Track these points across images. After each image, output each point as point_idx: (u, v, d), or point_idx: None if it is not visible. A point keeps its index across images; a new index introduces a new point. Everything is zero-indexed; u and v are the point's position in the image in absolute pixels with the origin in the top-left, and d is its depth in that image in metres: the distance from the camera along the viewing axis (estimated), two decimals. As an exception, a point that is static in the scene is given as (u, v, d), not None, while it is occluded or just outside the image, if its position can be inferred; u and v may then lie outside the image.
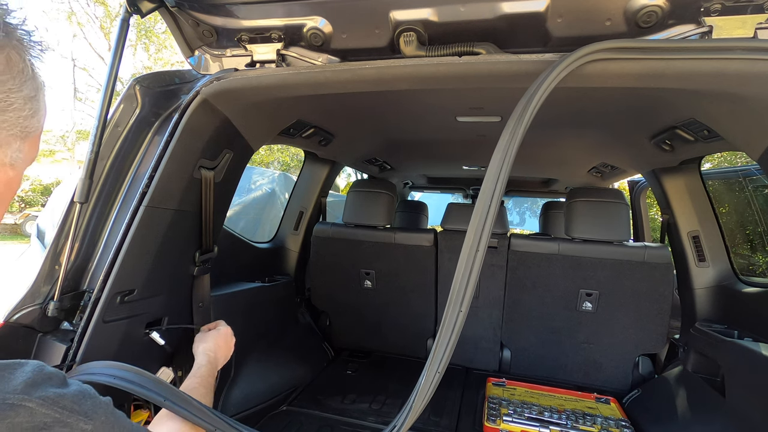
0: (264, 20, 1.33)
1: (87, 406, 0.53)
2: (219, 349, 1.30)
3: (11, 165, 0.56)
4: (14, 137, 0.55)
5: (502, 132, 1.09)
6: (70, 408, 0.51)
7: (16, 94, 0.53)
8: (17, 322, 1.22)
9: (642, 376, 2.41)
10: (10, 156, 0.55)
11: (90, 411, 0.53)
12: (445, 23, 1.22)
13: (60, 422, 0.50)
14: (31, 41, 0.55)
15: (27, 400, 0.48)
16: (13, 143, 0.55)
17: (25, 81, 0.54)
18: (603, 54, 1.12)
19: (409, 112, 2.08)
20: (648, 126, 1.93)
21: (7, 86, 0.52)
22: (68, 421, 0.50)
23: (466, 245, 1.05)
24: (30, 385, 0.49)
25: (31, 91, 0.56)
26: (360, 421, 2.06)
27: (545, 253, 2.43)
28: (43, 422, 0.48)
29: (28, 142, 0.58)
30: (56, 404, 0.50)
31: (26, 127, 0.56)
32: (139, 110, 1.40)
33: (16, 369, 0.50)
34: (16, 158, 0.56)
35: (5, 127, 0.53)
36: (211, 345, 1.30)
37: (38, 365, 0.53)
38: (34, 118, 0.57)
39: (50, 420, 0.49)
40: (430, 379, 1.02)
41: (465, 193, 5.29)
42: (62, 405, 0.51)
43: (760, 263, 4.74)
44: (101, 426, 0.53)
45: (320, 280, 2.89)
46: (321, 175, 2.93)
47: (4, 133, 0.53)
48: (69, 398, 0.52)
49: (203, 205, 1.60)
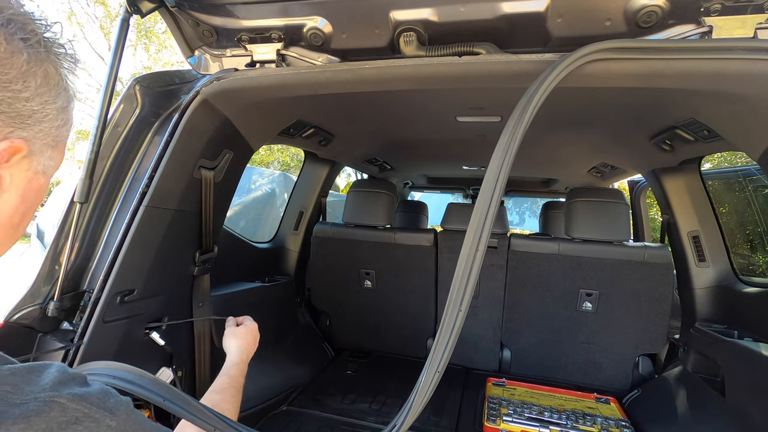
0: (264, 20, 1.33)
1: (111, 404, 0.56)
2: (250, 347, 1.25)
3: (43, 173, 0.59)
4: (47, 146, 0.58)
5: (502, 132, 1.09)
6: (97, 404, 0.54)
7: (51, 105, 0.56)
8: (17, 322, 1.22)
9: (642, 376, 2.40)
10: (43, 164, 0.58)
11: (114, 408, 0.56)
12: (445, 23, 1.22)
13: (89, 417, 0.52)
14: (66, 54, 0.58)
15: (58, 396, 0.50)
16: (45, 152, 0.58)
17: (59, 93, 0.57)
18: (603, 54, 1.12)
19: (409, 112, 2.08)
20: (648, 126, 1.93)
21: (44, 98, 0.55)
22: (96, 417, 0.53)
23: (465, 245, 1.05)
24: (58, 384, 0.52)
25: (64, 102, 0.59)
26: (360, 421, 2.06)
27: (545, 253, 2.43)
28: (75, 417, 0.51)
29: (57, 150, 0.61)
30: (84, 400, 0.53)
31: (57, 136, 0.59)
32: (139, 110, 1.40)
33: (43, 371, 0.53)
34: (48, 166, 0.59)
35: (40, 137, 0.56)
36: (244, 343, 1.23)
37: (62, 366, 0.56)
38: (64, 127, 0.60)
39: (81, 415, 0.52)
40: (429, 378, 1.02)
41: (465, 193, 5.29)
42: (90, 402, 0.53)
43: (760, 263, 4.74)
44: (123, 423, 0.56)
45: (320, 280, 2.89)
46: (321, 175, 2.93)
47: (39, 142, 0.56)
48: (95, 396, 0.55)
49: (203, 205, 1.60)
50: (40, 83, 0.54)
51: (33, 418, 0.47)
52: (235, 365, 1.15)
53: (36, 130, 0.55)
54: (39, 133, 0.56)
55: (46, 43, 0.54)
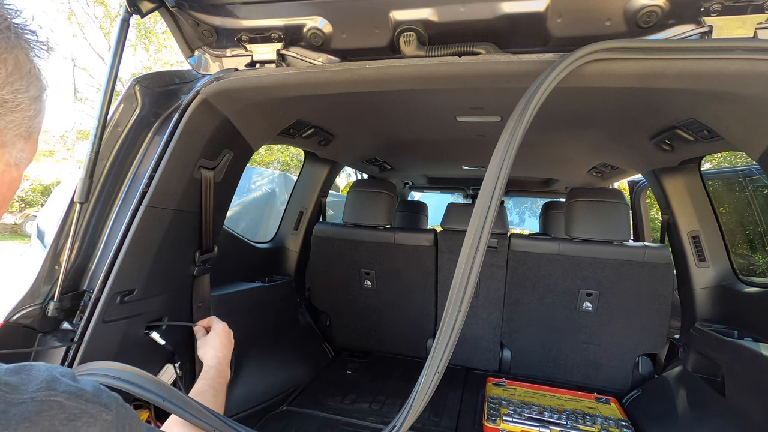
0: (264, 20, 1.33)
1: (104, 399, 0.56)
2: (223, 348, 1.31)
3: (15, 165, 0.57)
4: (19, 137, 0.56)
5: (502, 132, 1.09)
6: (92, 400, 0.54)
7: (24, 94, 0.54)
8: (17, 322, 1.22)
9: (642, 376, 2.40)
10: (15, 156, 0.56)
11: (108, 403, 0.56)
12: (445, 23, 1.22)
13: (87, 413, 0.52)
14: (38, 41, 0.56)
15: (55, 395, 0.50)
16: (17, 143, 0.56)
17: (31, 82, 0.55)
18: (603, 54, 1.12)
19: (409, 112, 2.08)
20: (648, 126, 1.93)
21: (15, 87, 0.53)
22: (93, 412, 0.53)
23: (465, 245, 1.05)
24: (52, 382, 0.51)
25: (36, 92, 0.56)
26: (360, 421, 2.06)
27: (545, 253, 2.43)
28: (73, 414, 0.51)
29: (30, 142, 0.59)
30: (80, 397, 0.52)
31: (30, 127, 0.57)
32: (139, 110, 1.40)
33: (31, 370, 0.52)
34: (20, 158, 0.57)
35: (12, 128, 0.54)
36: (216, 346, 1.30)
37: (48, 365, 0.55)
38: (36, 118, 0.58)
39: (78, 411, 0.51)
40: (429, 379, 1.02)
41: (465, 193, 5.29)
42: (85, 398, 0.53)
43: (760, 263, 4.74)
44: (117, 416, 0.56)
45: (320, 280, 2.89)
46: (321, 175, 2.93)
47: (11, 133, 0.54)
48: (89, 392, 0.54)
49: (203, 205, 1.60)
50: (11, 71, 0.52)
51: (34, 417, 0.47)
52: (211, 369, 1.19)
53: (7, 121, 0.53)
54: (10, 124, 0.53)
55: (17, 30, 0.52)
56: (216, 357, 1.25)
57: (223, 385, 1.16)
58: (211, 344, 1.30)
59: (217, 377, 1.17)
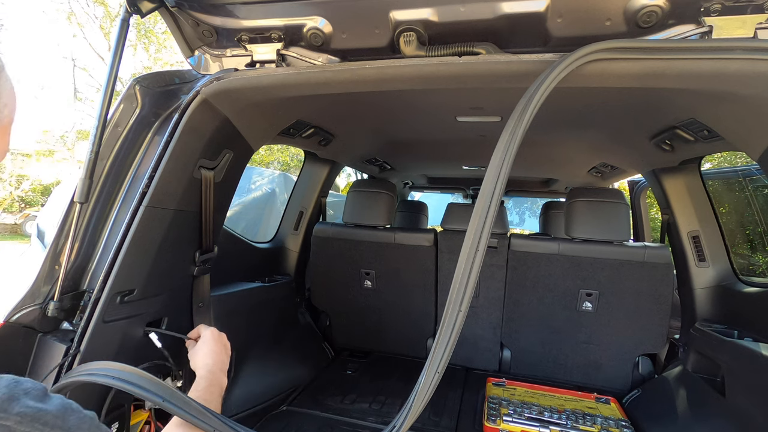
0: (264, 20, 1.33)
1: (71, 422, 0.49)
2: (214, 355, 1.24)
3: None
4: None
5: (502, 132, 1.09)
6: (52, 424, 0.47)
7: None
8: (17, 322, 1.22)
9: (642, 376, 2.40)
10: None
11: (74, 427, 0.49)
12: (445, 23, 1.22)
13: None
14: None
15: (5, 417, 0.44)
16: None
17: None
18: (603, 54, 1.12)
19: (409, 112, 2.08)
20: (648, 126, 1.93)
21: None
22: None
23: (465, 245, 1.05)
24: (6, 401, 0.45)
25: None
26: (360, 421, 2.06)
27: (545, 253, 2.43)
28: None
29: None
30: (37, 420, 0.46)
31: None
32: (139, 110, 1.40)
33: None
34: None
35: None
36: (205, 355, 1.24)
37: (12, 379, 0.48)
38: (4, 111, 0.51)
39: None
40: (429, 379, 1.02)
41: (465, 193, 5.29)
42: (44, 421, 0.46)
43: (760, 263, 4.74)
44: None
45: (320, 280, 2.89)
46: (321, 175, 2.93)
47: None
48: (51, 414, 0.48)
49: (203, 205, 1.60)
50: None
51: None
52: (202, 378, 1.15)
53: None
54: None
55: None
56: (206, 366, 1.19)
57: (215, 394, 1.11)
58: (199, 354, 1.25)
59: (208, 387, 1.12)
